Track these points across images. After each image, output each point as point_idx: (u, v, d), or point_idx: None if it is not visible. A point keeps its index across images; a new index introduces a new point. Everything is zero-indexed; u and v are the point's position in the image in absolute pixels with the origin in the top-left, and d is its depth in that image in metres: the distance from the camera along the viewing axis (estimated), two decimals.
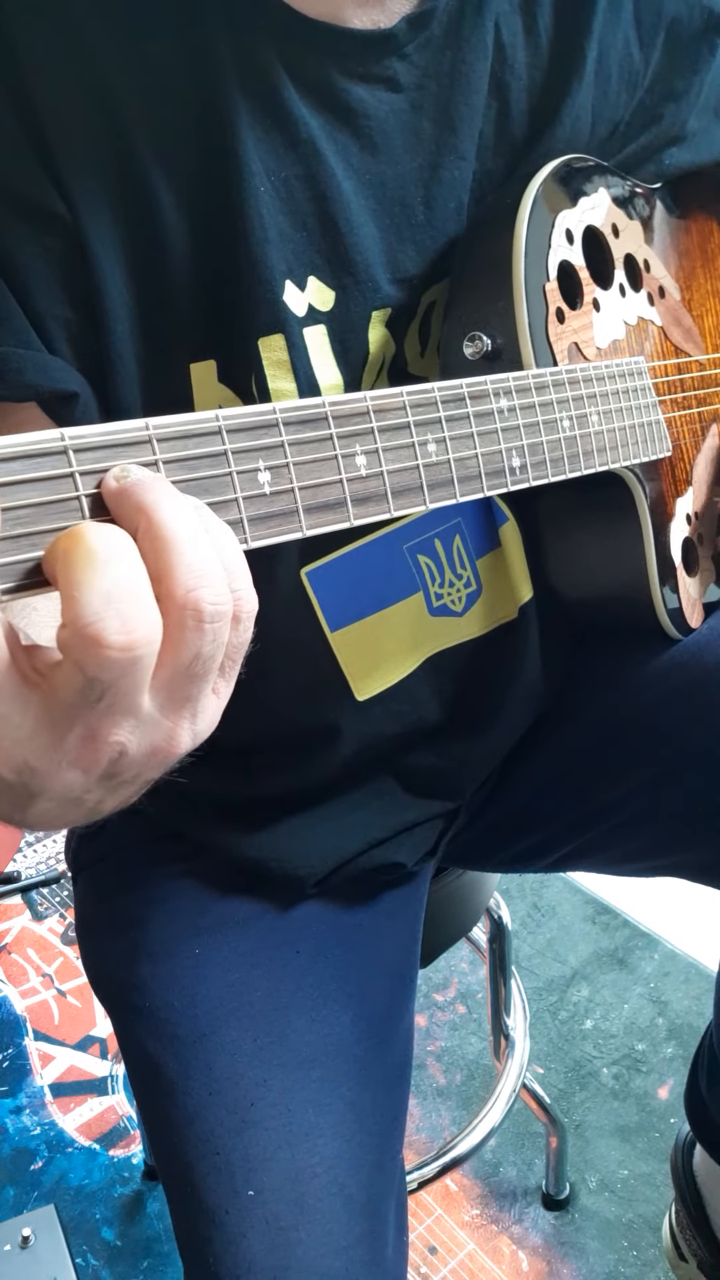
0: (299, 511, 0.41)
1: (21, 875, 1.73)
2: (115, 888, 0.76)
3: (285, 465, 0.41)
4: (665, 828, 0.76)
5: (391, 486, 0.46)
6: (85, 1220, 1.21)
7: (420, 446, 0.47)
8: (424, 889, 0.81)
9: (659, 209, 0.76)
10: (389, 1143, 0.65)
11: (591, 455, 0.60)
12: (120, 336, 0.55)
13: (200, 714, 0.37)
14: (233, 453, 0.39)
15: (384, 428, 0.45)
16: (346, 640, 0.68)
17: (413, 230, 0.62)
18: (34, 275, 0.53)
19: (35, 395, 0.53)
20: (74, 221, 0.53)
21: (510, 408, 0.53)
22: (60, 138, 0.52)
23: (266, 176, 0.56)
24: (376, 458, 0.45)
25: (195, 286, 0.56)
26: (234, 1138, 0.60)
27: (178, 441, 0.37)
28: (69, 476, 0.34)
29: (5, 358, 0.51)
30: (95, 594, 0.32)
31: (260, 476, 0.40)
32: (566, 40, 0.65)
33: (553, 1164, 1.18)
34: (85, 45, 0.52)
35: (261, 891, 0.73)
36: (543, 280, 0.61)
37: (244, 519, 0.39)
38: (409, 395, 0.47)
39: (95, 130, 0.53)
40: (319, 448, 0.42)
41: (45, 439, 0.34)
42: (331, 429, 0.43)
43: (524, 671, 0.77)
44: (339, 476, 0.43)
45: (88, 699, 0.33)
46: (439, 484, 0.49)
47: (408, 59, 0.60)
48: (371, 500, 0.45)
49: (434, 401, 0.48)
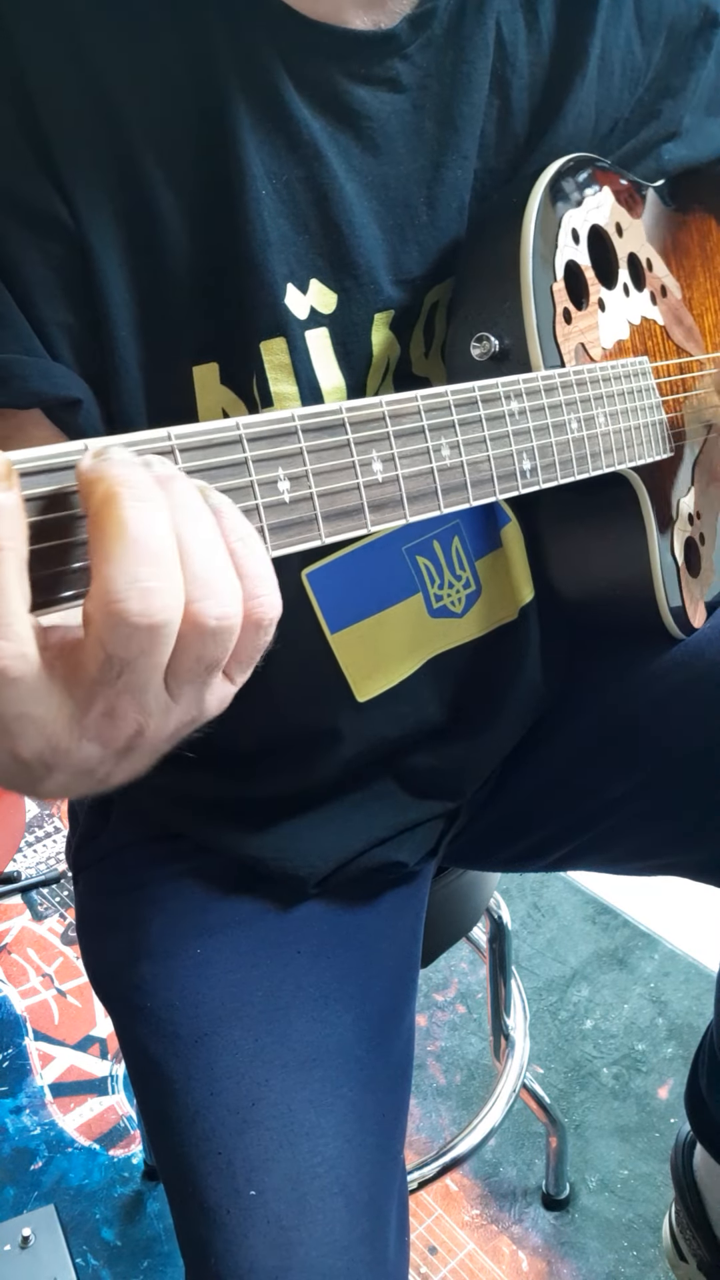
0: (318, 519, 0.42)
1: (21, 875, 1.73)
2: (116, 888, 0.76)
3: (304, 473, 0.41)
4: (665, 827, 0.76)
5: (407, 492, 0.46)
6: (85, 1220, 1.21)
7: (434, 451, 0.47)
8: (425, 889, 0.81)
9: (660, 207, 0.76)
10: (390, 1142, 0.65)
11: (599, 456, 0.60)
12: (123, 340, 0.55)
13: (211, 696, 0.38)
14: (253, 461, 0.39)
15: (399, 432, 0.45)
16: (346, 642, 0.68)
17: (416, 231, 0.62)
18: (36, 281, 0.53)
19: (39, 402, 0.53)
20: (76, 226, 0.53)
21: (521, 410, 0.53)
22: (61, 142, 0.52)
23: (268, 179, 0.56)
24: (393, 463, 0.45)
25: (197, 289, 0.56)
26: (235, 1137, 0.60)
27: (199, 451, 0.38)
28: None
29: (8, 365, 0.51)
30: (122, 573, 0.32)
31: (280, 484, 0.40)
32: (569, 38, 0.65)
33: (553, 1164, 1.18)
34: (86, 49, 0.52)
35: (263, 891, 0.73)
36: (550, 280, 0.61)
37: (265, 527, 0.40)
38: (423, 399, 0.47)
39: (96, 134, 0.53)
40: (337, 454, 0.42)
41: (70, 450, 0.34)
42: (349, 435, 0.43)
43: (524, 672, 0.77)
44: (356, 482, 0.43)
45: (107, 675, 0.34)
46: (453, 488, 0.49)
47: (409, 59, 0.60)
48: (388, 506, 0.45)
49: (448, 405, 0.48)
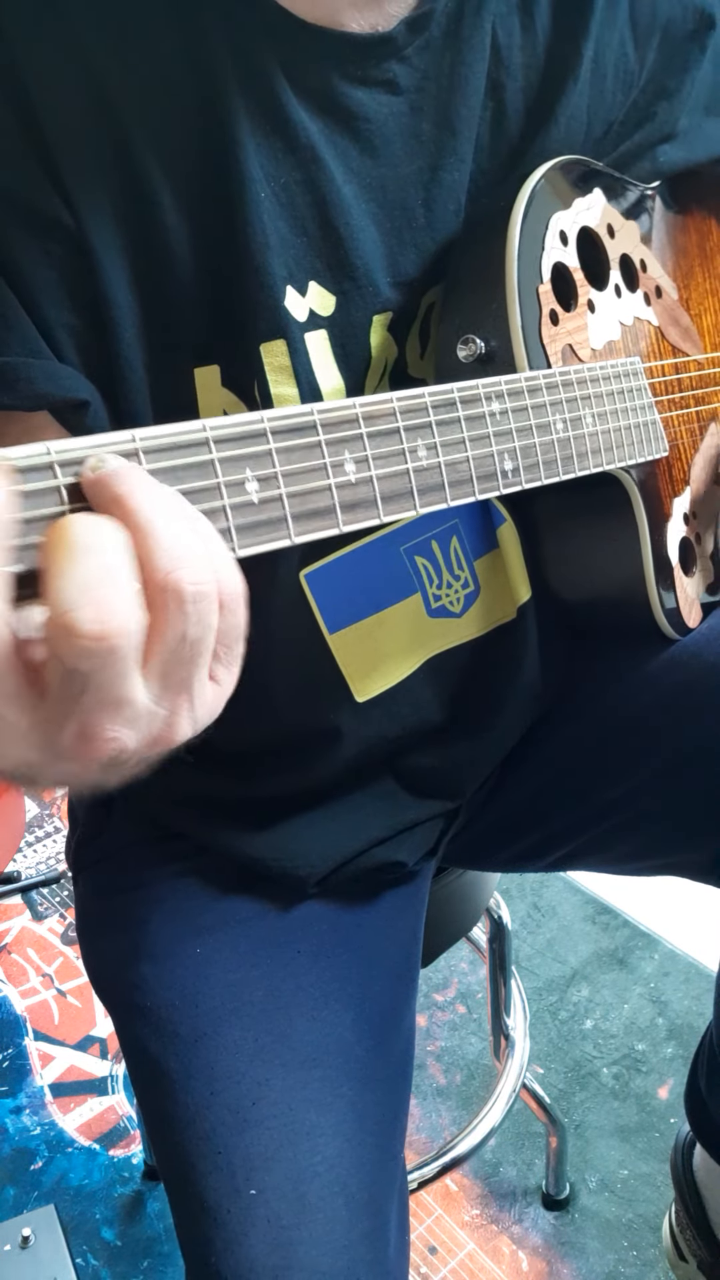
0: (287, 519, 0.42)
1: (21, 875, 1.73)
2: (116, 887, 0.76)
3: (274, 474, 0.41)
4: (665, 827, 0.76)
5: (381, 492, 0.46)
6: (85, 1220, 1.21)
7: (410, 452, 0.47)
8: (425, 889, 0.81)
9: (657, 208, 0.77)
10: (390, 1142, 0.65)
11: (586, 457, 0.60)
12: (127, 342, 0.56)
13: (198, 701, 0.37)
14: (220, 462, 0.39)
15: (373, 434, 0.45)
16: (345, 642, 0.68)
17: (413, 233, 0.62)
18: (40, 283, 0.53)
19: (47, 404, 0.53)
20: (77, 227, 0.53)
21: (502, 411, 0.53)
22: (61, 143, 0.52)
23: (266, 182, 0.56)
24: (366, 464, 0.45)
25: (197, 292, 0.56)
26: (235, 1137, 0.60)
27: (164, 453, 0.37)
28: (54, 490, 0.35)
29: (15, 367, 0.51)
30: (72, 583, 0.32)
31: (248, 485, 0.40)
32: (563, 41, 0.65)
33: (553, 1164, 1.18)
34: (85, 52, 0.52)
35: (262, 891, 0.73)
36: (536, 282, 0.61)
37: (231, 527, 0.39)
38: (399, 401, 0.47)
39: (96, 136, 0.53)
40: (307, 455, 0.42)
41: (33, 453, 0.34)
42: (320, 436, 0.43)
43: (523, 672, 0.77)
44: (328, 483, 0.43)
45: (71, 691, 0.33)
46: (429, 489, 0.49)
47: (407, 61, 0.60)
48: (361, 506, 0.45)
49: (424, 407, 0.48)
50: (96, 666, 0.32)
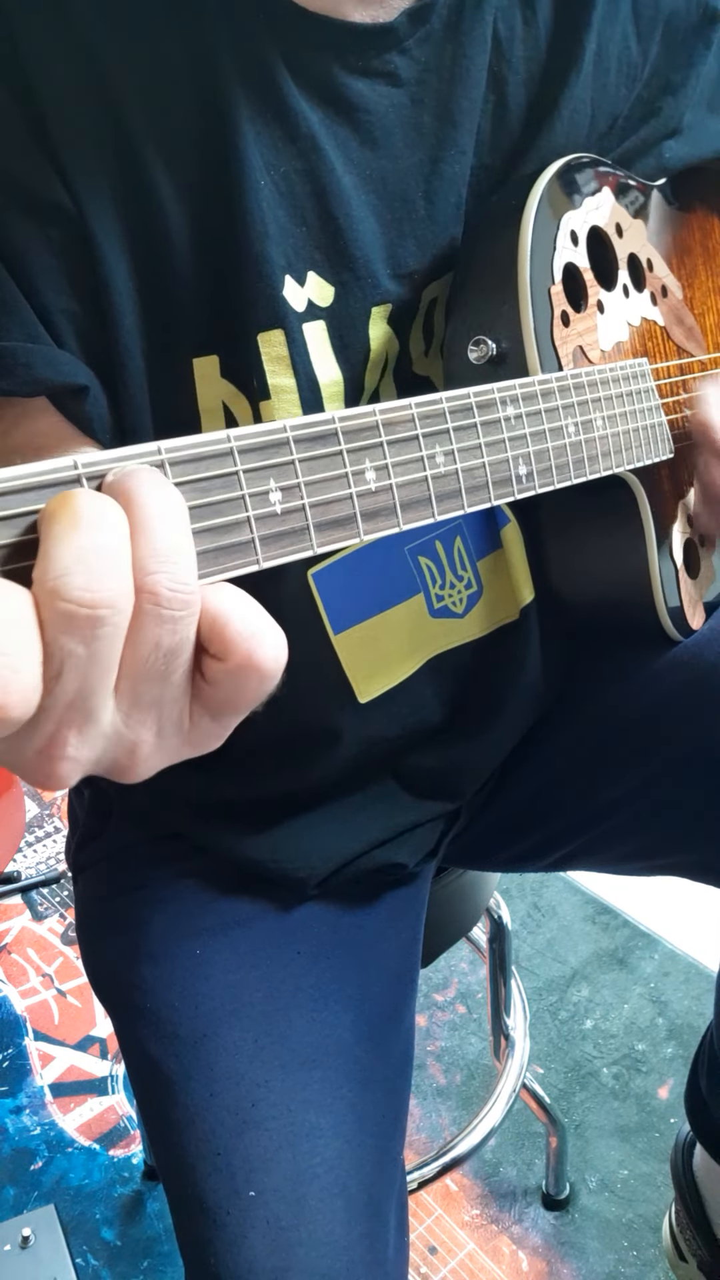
0: (310, 529, 0.41)
1: (21, 875, 1.73)
2: (116, 888, 0.76)
3: (297, 484, 0.41)
4: (665, 827, 0.76)
5: (400, 500, 0.46)
6: (85, 1220, 1.21)
7: (429, 459, 0.47)
8: (425, 890, 0.81)
9: (661, 205, 0.76)
10: (390, 1143, 0.65)
11: (596, 460, 0.60)
12: (126, 329, 0.55)
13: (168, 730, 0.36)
14: (244, 473, 0.39)
15: (393, 441, 0.45)
16: (349, 642, 0.68)
17: (414, 225, 0.62)
18: (40, 269, 0.53)
19: (46, 389, 0.53)
20: (78, 213, 0.53)
21: (517, 415, 0.53)
22: (62, 130, 0.52)
23: (266, 171, 0.56)
24: (386, 471, 0.45)
25: (196, 280, 0.56)
26: (235, 1138, 0.60)
27: (189, 465, 0.37)
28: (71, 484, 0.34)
29: (14, 353, 0.51)
30: (69, 550, 0.31)
31: (272, 496, 0.40)
32: (565, 34, 0.65)
33: (553, 1164, 1.18)
34: (86, 39, 0.52)
35: (262, 892, 0.73)
36: (548, 283, 0.61)
37: (256, 539, 0.39)
38: (418, 407, 0.47)
39: (96, 123, 0.53)
40: (329, 464, 0.42)
41: (59, 466, 0.34)
42: (342, 444, 0.43)
43: (525, 673, 0.76)
44: (349, 491, 0.43)
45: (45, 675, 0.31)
46: (447, 495, 0.48)
47: (408, 53, 0.60)
48: (381, 515, 0.45)
49: (442, 412, 0.48)
50: (76, 644, 0.31)
